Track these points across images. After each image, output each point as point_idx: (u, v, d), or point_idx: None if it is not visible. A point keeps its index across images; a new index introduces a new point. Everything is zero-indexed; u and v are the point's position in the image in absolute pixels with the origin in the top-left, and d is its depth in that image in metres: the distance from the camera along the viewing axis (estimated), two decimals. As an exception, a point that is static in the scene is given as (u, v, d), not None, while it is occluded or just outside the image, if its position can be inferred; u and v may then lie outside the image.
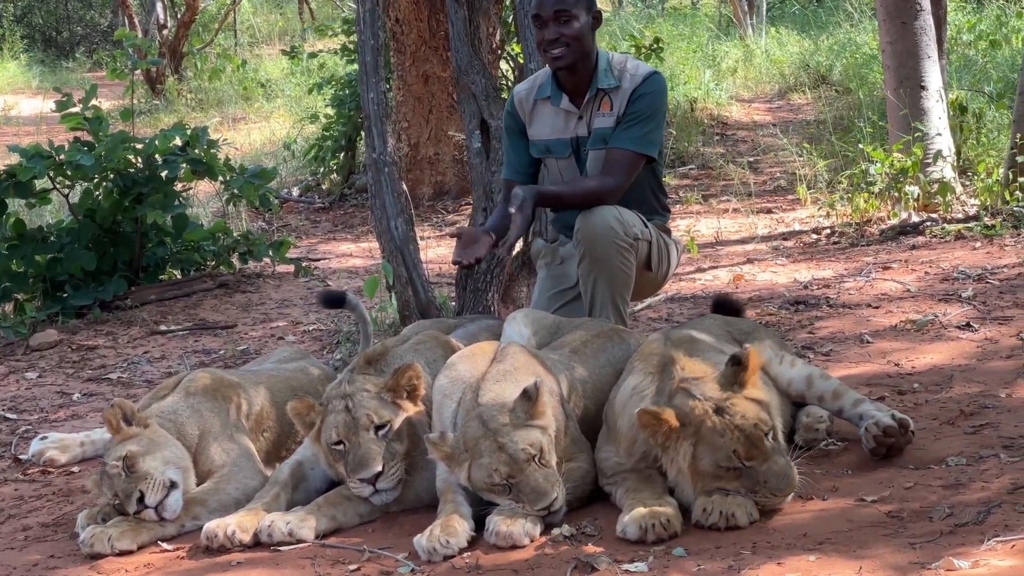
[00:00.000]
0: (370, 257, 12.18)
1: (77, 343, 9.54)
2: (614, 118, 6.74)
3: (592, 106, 6.78)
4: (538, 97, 6.90)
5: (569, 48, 6.62)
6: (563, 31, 6.59)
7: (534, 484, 4.90)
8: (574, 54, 6.65)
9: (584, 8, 6.66)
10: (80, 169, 10.21)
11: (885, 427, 5.36)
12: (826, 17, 25.09)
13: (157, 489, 5.34)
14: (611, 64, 6.80)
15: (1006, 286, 8.65)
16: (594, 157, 6.80)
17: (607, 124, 6.75)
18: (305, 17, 36.32)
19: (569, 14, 6.60)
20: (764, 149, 16.20)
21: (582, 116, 6.81)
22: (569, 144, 6.85)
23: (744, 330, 6.17)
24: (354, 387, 5.47)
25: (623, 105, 6.73)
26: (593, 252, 6.48)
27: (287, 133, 18.99)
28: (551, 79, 6.87)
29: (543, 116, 6.90)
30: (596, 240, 6.46)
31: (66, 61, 36.62)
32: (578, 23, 6.62)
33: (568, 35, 6.60)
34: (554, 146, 6.88)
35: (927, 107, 11.72)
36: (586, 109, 6.79)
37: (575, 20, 6.61)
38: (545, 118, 6.91)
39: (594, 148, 6.80)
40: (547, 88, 6.88)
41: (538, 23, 6.68)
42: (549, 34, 6.62)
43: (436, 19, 13.93)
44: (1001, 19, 19.42)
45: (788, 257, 10.67)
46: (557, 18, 6.60)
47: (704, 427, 4.88)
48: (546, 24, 6.63)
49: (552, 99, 6.86)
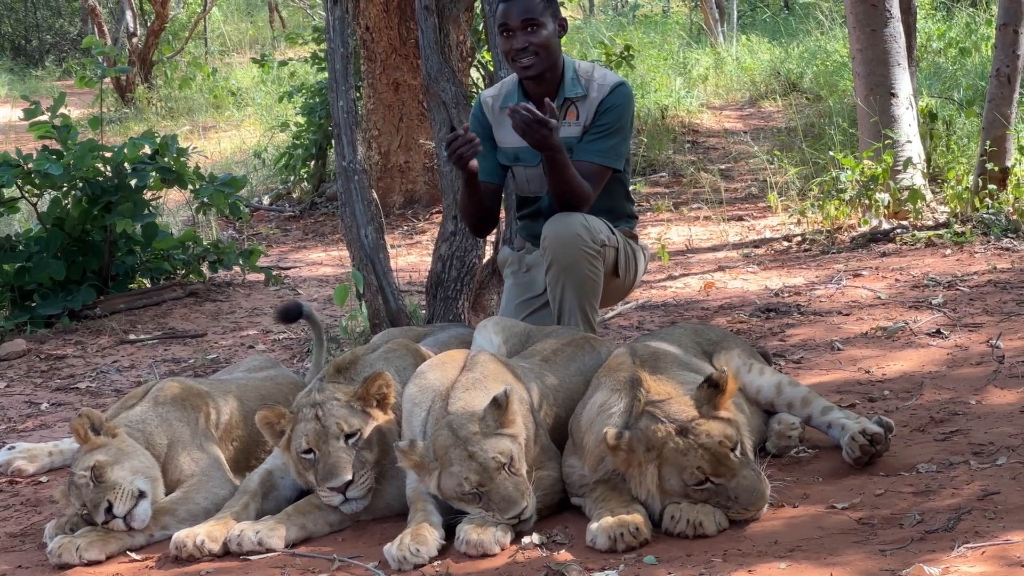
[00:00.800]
0: (340, 265, 12.16)
1: (46, 352, 9.50)
2: (580, 128, 6.73)
3: (559, 115, 6.75)
4: (504, 105, 6.84)
5: (538, 56, 6.60)
6: (531, 39, 6.57)
7: (504, 493, 4.89)
8: (543, 62, 6.64)
9: (551, 16, 6.65)
10: (49, 178, 10.17)
11: (872, 435, 5.37)
12: (796, 25, 25.19)
13: (126, 499, 5.31)
14: (578, 73, 6.80)
15: (976, 293, 8.67)
16: None
17: (572, 134, 6.73)
18: (275, 25, 36.29)
19: (536, 22, 6.57)
20: (735, 157, 16.23)
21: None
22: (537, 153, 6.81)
23: (713, 339, 6.17)
24: (324, 395, 5.45)
25: (590, 115, 6.72)
26: (560, 259, 6.47)
27: (257, 141, 18.96)
28: (517, 87, 6.86)
29: (510, 124, 6.87)
30: (563, 247, 6.45)
31: (35, 69, 36.51)
32: (546, 31, 6.60)
33: (536, 43, 6.58)
34: (522, 154, 6.83)
35: (897, 114, 11.76)
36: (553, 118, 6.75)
37: (543, 28, 6.59)
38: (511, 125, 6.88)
39: None
40: (514, 96, 6.85)
41: (505, 32, 6.65)
42: (517, 43, 6.59)
43: (406, 27, 13.92)
44: (971, 27, 19.53)
45: (759, 264, 10.68)
46: (525, 27, 6.57)
47: (667, 448, 4.88)
48: (514, 33, 6.60)
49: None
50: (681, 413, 4.94)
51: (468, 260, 7.85)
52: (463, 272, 7.85)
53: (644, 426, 4.97)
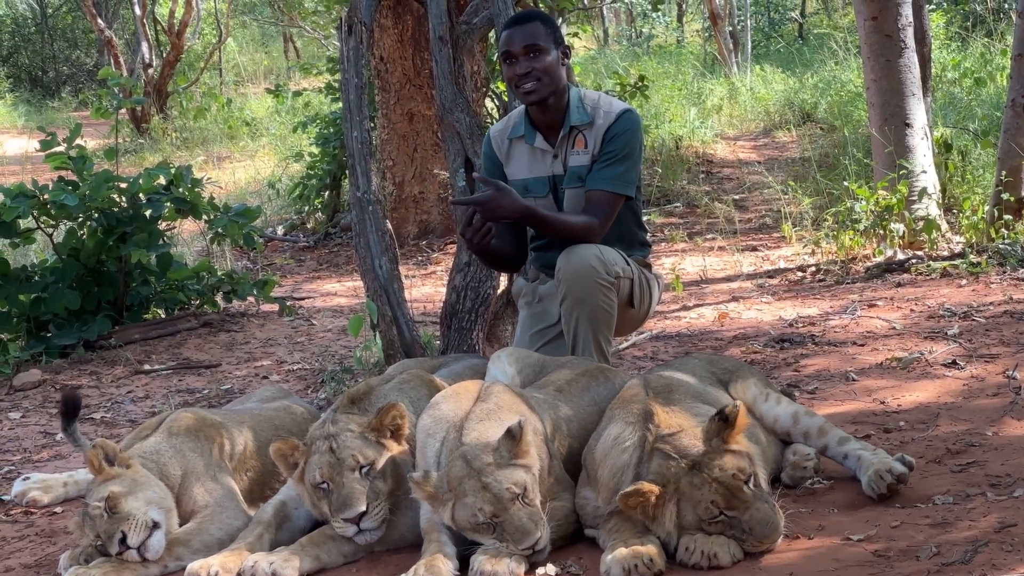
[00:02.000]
0: (355, 296, 12.17)
1: (61, 383, 9.51)
2: (589, 156, 6.73)
3: (567, 144, 6.77)
4: (512, 136, 6.89)
5: (541, 82, 6.61)
6: (534, 65, 6.59)
7: (518, 523, 4.87)
8: (546, 88, 6.64)
9: (553, 42, 6.67)
10: (64, 208, 10.20)
11: (899, 475, 5.35)
12: (811, 55, 25.23)
13: (139, 529, 5.30)
14: (583, 101, 6.80)
15: (992, 324, 8.64)
16: (570, 196, 6.80)
17: (582, 162, 6.75)
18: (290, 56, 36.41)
19: (538, 47, 6.60)
20: (749, 187, 16.23)
21: (557, 155, 6.79)
22: (547, 183, 6.83)
23: (728, 369, 6.15)
24: (338, 427, 5.44)
25: (598, 143, 6.73)
26: (574, 291, 6.47)
27: (272, 172, 19.02)
28: (524, 118, 6.88)
29: (519, 155, 6.89)
30: (577, 278, 6.45)
31: (52, 101, 36.68)
32: (548, 57, 6.62)
33: (539, 68, 6.59)
34: (532, 185, 6.85)
35: (912, 144, 11.76)
36: (560, 147, 6.77)
37: (545, 54, 6.61)
38: (521, 157, 6.90)
39: (570, 186, 6.79)
40: (521, 127, 6.88)
41: (508, 59, 6.68)
42: (520, 69, 6.62)
43: (420, 57, 13.95)
44: (985, 57, 19.52)
45: (773, 295, 10.67)
46: (527, 52, 6.60)
47: (681, 484, 4.86)
48: (516, 59, 6.63)
49: (527, 138, 6.85)
50: (692, 448, 4.92)
51: (482, 291, 7.84)
52: (477, 303, 7.84)
53: (656, 466, 4.95)
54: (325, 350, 9.95)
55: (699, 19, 38.03)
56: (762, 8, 35.90)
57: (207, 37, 34.43)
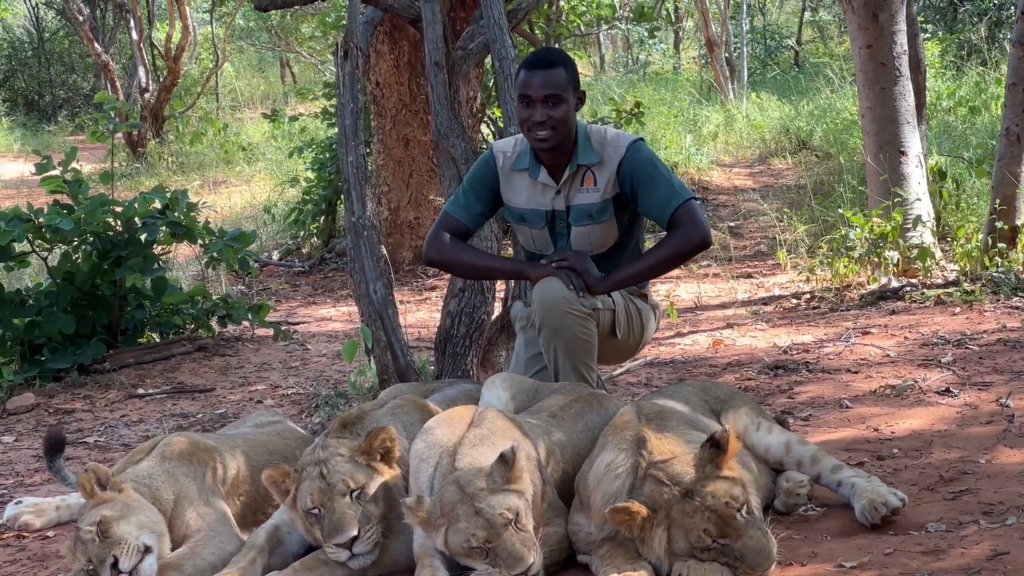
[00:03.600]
0: (349, 321, 12.17)
1: (54, 407, 9.50)
2: (599, 193, 6.70)
3: (573, 182, 6.73)
4: (515, 168, 6.85)
5: (555, 131, 6.56)
6: (551, 113, 6.53)
7: (511, 549, 4.86)
8: (558, 136, 6.60)
9: (572, 91, 6.62)
10: (59, 232, 10.19)
11: (893, 508, 5.36)
12: (806, 82, 25.28)
13: (131, 554, 5.28)
14: (590, 138, 6.74)
15: (986, 352, 8.65)
16: (579, 232, 6.78)
17: (591, 200, 6.71)
18: (287, 81, 36.47)
19: (558, 98, 6.54)
20: (745, 214, 16.26)
21: (560, 191, 6.76)
22: (545, 216, 6.81)
23: (721, 397, 6.15)
24: (328, 452, 5.43)
25: (611, 179, 6.68)
26: (548, 322, 6.48)
27: (267, 196, 19.03)
28: (530, 151, 6.81)
29: (520, 185, 6.84)
30: (550, 310, 6.45)
31: (48, 124, 36.70)
32: (566, 106, 6.57)
33: (556, 118, 6.53)
34: (529, 216, 6.84)
35: (907, 172, 11.78)
36: (565, 185, 6.74)
37: (563, 103, 6.56)
38: (521, 187, 6.86)
39: (579, 224, 6.76)
40: (525, 159, 6.82)
41: (525, 102, 6.60)
42: (537, 116, 6.54)
43: (416, 83, 13.97)
44: (980, 86, 19.58)
45: (768, 322, 10.67)
46: (546, 101, 6.53)
47: (673, 511, 4.85)
48: (533, 104, 6.56)
49: (531, 171, 6.80)
50: (685, 475, 4.91)
51: (477, 316, 7.85)
52: (472, 328, 7.85)
53: (648, 490, 4.95)
54: (319, 375, 9.95)
55: (695, 46, 38.15)
56: (758, 36, 36.01)
57: (204, 62, 34.49)
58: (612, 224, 6.80)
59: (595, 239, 6.80)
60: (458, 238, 6.86)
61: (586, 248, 6.77)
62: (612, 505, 4.87)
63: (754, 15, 37.19)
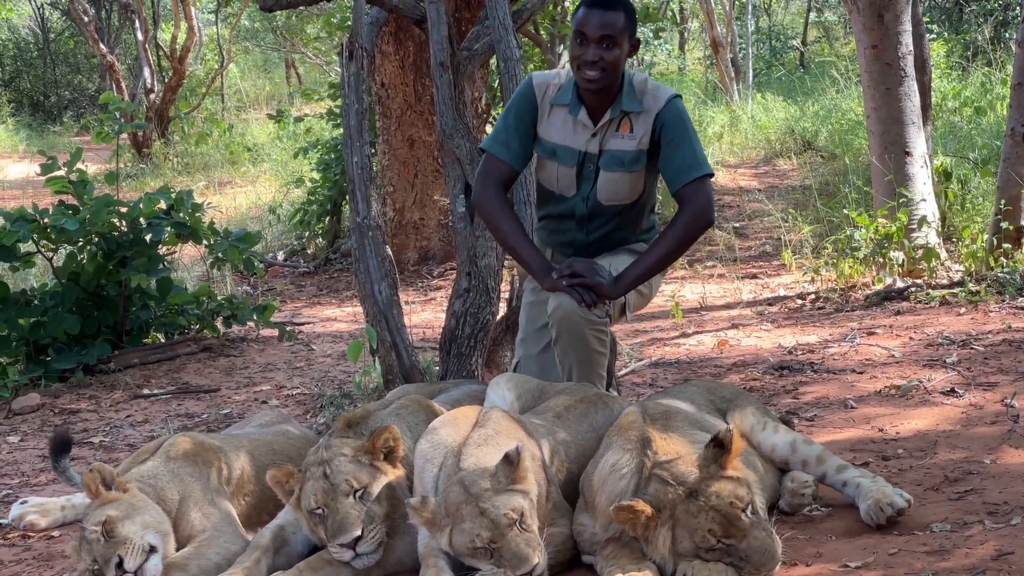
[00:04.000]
0: (354, 321, 12.17)
1: (59, 407, 9.50)
2: (635, 142, 6.64)
3: (611, 127, 6.68)
4: (556, 102, 6.76)
5: (605, 73, 6.50)
6: (604, 55, 6.47)
7: (515, 549, 4.86)
8: (607, 79, 6.55)
9: (627, 36, 6.56)
10: (64, 232, 10.19)
11: (899, 509, 5.36)
12: (812, 83, 25.24)
13: (136, 554, 5.29)
14: (634, 86, 6.68)
15: (990, 352, 8.64)
16: (606, 178, 6.72)
17: (626, 147, 6.66)
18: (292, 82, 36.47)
19: (614, 40, 6.48)
20: (750, 215, 16.24)
21: (596, 134, 6.69)
22: (577, 156, 6.74)
23: (726, 397, 6.15)
24: (331, 452, 5.43)
25: (647, 129, 6.63)
26: (566, 333, 6.48)
27: (273, 197, 19.03)
28: (574, 88, 6.73)
29: (557, 119, 6.76)
30: (569, 321, 6.44)
31: (54, 125, 36.74)
32: (619, 50, 6.51)
33: (607, 60, 6.48)
34: (561, 152, 6.76)
35: (912, 173, 11.78)
36: (602, 128, 6.68)
37: (617, 47, 6.50)
38: (559, 122, 6.77)
39: (608, 169, 6.71)
40: (567, 95, 6.73)
41: (579, 39, 6.52)
42: (589, 55, 6.48)
43: (422, 83, 13.97)
44: (986, 86, 19.55)
45: (773, 322, 10.67)
46: (601, 41, 6.47)
47: (678, 510, 4.85)
48: (588, 43, 6.49)
49: (571, 108, 6.71)
50: (690, 475, 4.91)
51: (482, 317, 7.83)
52: (477, 329, 7.83)
53: (654, 490, 4.94)
54: (324, 375, 9.95)
55: (701, 47, 38.10)
56: (763, 36, 36.00)
57: (209, 63, 34.49)
58: (641, 177, 6.78)
59: (621, 189, 6.76)
60: (504, 190, 6.82)
61: (610, 198, 6.78)
62: (617, 504, 4.87)
63: (759, 16, 37.20)
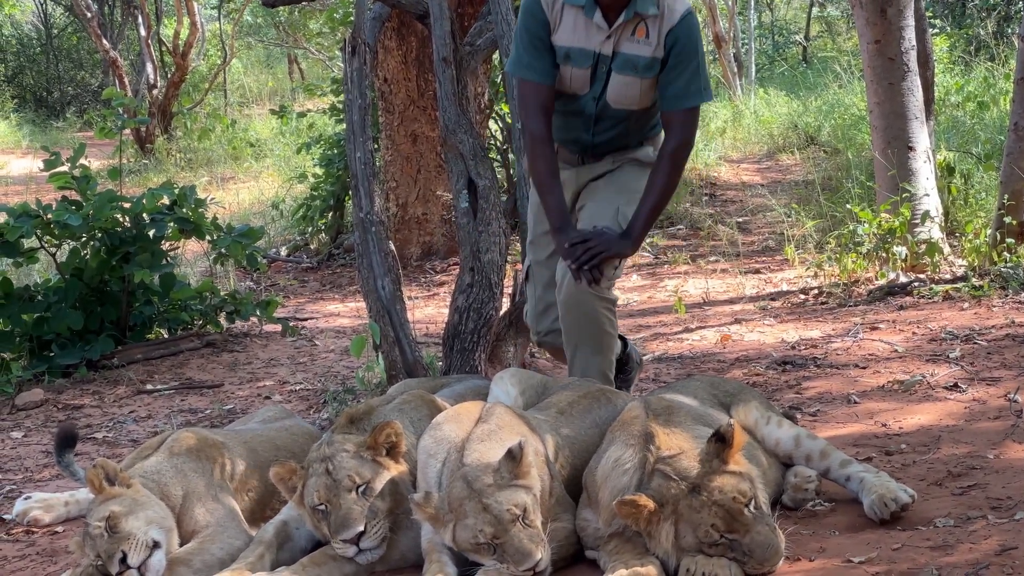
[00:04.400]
0: (357, 317, 12.17)
1: (63, 402, 9.50)
2: (650, 48, 6.55)
3: (625, 29, 6.57)
4: (569, 2, 6.62)
5: None
6: None
7: (519, 544, 4.86)
8: None
9: None
10: (67, 228, 10.19)
11: (903, 504, 5.35)
12: (815, 78, 25.25)
13: (140, 549, 5.29)
14: None
15: (994, 347, 8.64)
16: (618, 81, 6.63)
17: (641, 52, 6.56)
18: (295, 77, 36.47)
19: None
20: (753, 210, 16.24)
21: (611, 36, 6.58)
22: (591, 58, 6.63)
23: (730, 391, 6.14)
24: (333, 448, 5.43)
25: (661, 39, 6.53)
26: (575, 308, 6.51)
27: (275, 193, 19.02)
28: None
29: (570, 21, 6.64)
30: (577, 302, 6.47)
31: (57, 121, 36.75)
32: None
33: None
34: (575, 54, 6.65)
35: (915, 168, 11.76)
36: (617, 30, 6.56)
37: None
38: (571, 24, 6.64)
39: (621, 72, 6.62)
40: None
41: None
42: None
43: (424, 79, 13.95)
44: (988, 81, 19.52)
45: (776, 317, 10.66)
46: None
47: (681, 505, 4.85)
48: None
49: (586, 10, 6.59)
50: (693, 470, 4.91)
51: (485, 312, 7.83)
52: (480, 324, 7.83)
53: (656, 484, 4.94)
54: (328, 371, 9.95)
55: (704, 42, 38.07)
56: (766, 32, 35.99)
57: (212, 58, 34.49)
58: (652, 85, 6.67)
59: (632, 94, 6.68)
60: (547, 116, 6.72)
61: (619, 100, 6.71)
62: (620, 498, 4.87)
63: (762, 11, 37.17)
